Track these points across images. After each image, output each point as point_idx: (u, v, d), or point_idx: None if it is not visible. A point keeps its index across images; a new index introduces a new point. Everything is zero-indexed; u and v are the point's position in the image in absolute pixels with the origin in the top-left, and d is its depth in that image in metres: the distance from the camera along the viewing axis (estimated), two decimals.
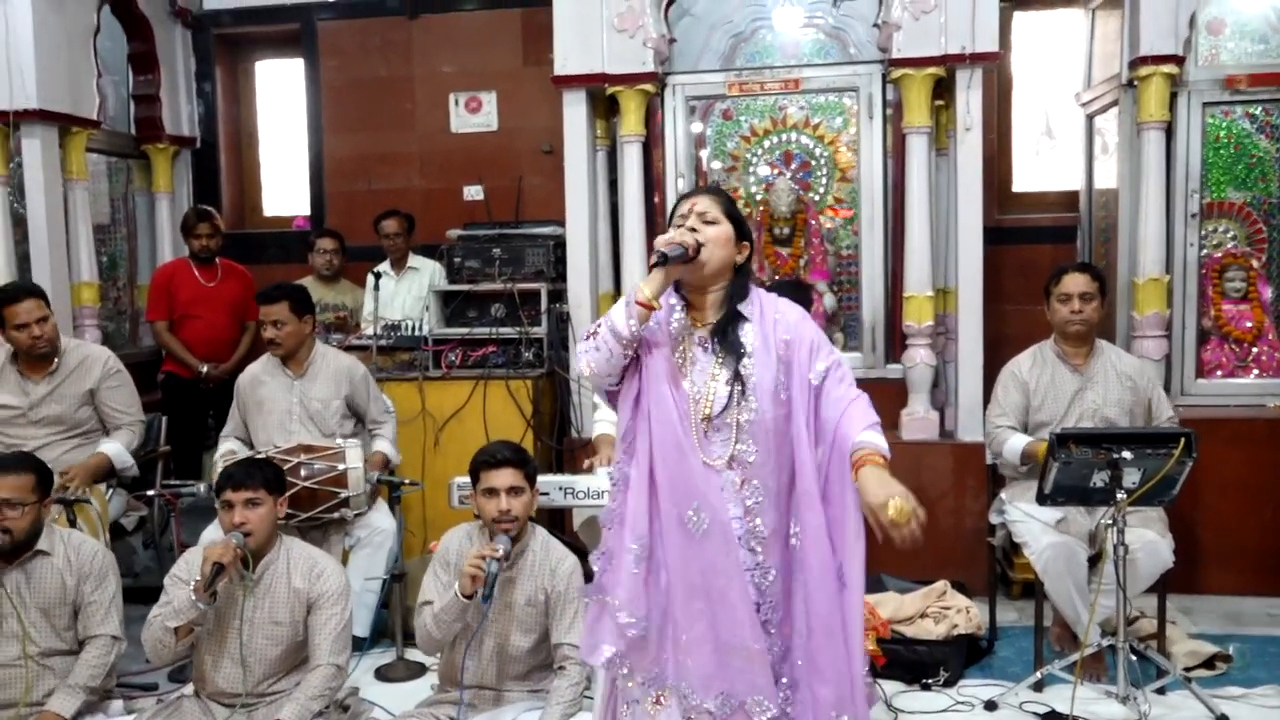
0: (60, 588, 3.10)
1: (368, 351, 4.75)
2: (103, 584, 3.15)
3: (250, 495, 2.99)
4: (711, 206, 2.38)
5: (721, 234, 2.36)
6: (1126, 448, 3.20)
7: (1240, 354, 4.79)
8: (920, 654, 3.67)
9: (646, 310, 2.29)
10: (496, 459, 3.09)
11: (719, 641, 2.28)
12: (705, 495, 2.29)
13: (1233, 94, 4.62)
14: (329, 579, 3.07)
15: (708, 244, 2.33)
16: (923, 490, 4.55)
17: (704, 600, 2.29)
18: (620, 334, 2.29)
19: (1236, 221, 4.81)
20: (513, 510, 3.05)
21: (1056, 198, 5.64)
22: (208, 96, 6.22)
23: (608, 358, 2.33)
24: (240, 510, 2.97)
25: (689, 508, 2.29)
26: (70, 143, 5.22)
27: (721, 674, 2.28)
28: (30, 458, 3.24)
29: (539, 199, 5.58)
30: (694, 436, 2.32)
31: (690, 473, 2.30)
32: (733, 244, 2.39)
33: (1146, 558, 3.50)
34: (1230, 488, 4.39)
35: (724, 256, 2.37)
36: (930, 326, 4.60)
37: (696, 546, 2.29)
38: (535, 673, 3.17)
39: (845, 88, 4.89)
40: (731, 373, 2.32)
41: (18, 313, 3.89)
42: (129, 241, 6.01)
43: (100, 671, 3.08)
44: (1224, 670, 3.72)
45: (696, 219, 2.37)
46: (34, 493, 3.08)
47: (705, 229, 2.35)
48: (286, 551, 3.09)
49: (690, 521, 2.29)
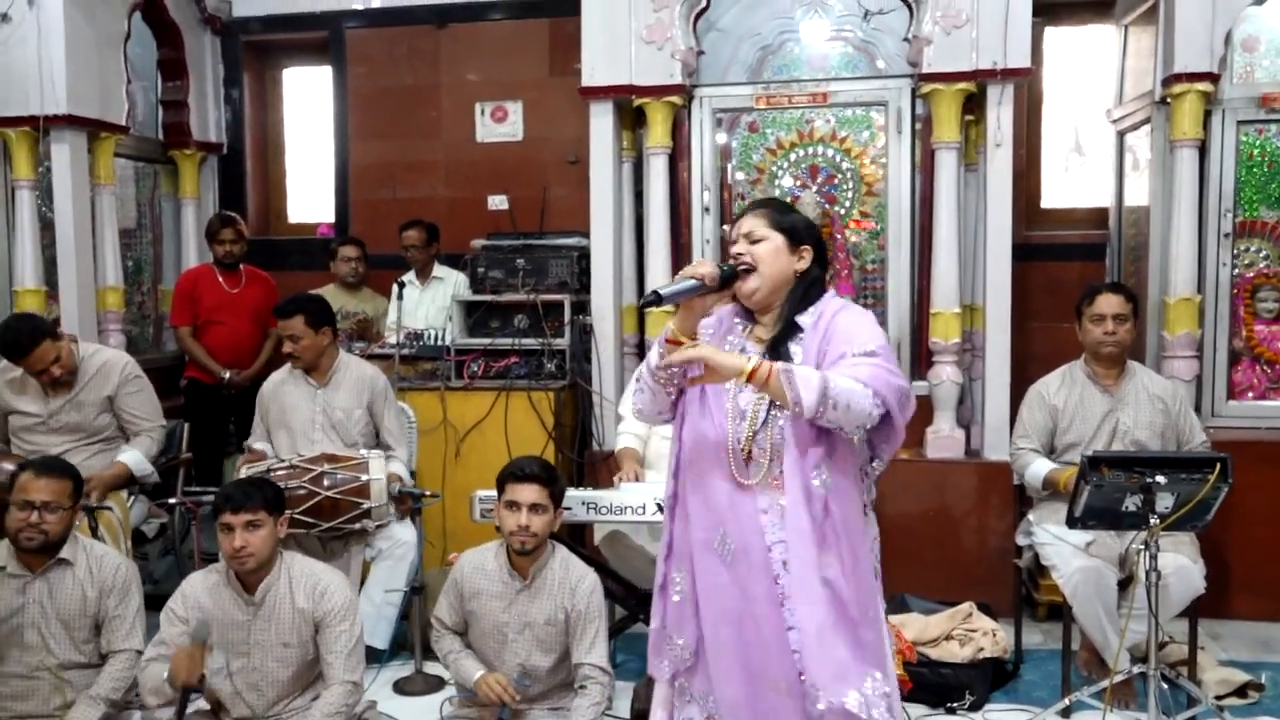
0: (81, 600, 3.09)
1: (390, 361, 4.74)
2: (126, 599, 3.13)
3: (250, 518, 2.89)
4: (757, 224, 2.31)
5: (769, 250, 2.28)
6: (1160, 472, 3.13)
7: (1272, 375, 4.72)
8: (945, 677, 3.62)
9: (675, 346, 2.21)
10: (524, 473, 3.07)
11: (749, 672, 2.21)
12: (735, 520, 2.23)
13: (1269, 112, 4.56)
14: (333, 595, 3.00)
15: (757, 267, 2.26)
16: (947, 509, 4.55)
17: (733, 628, 2.23)
18: (653, 370, 2.27)
19: (1269, 241, 4.74)
20: (531, 527, 3.03)
21: (1085, 214, 5.58)
22: (235, 103, 6.24)
23: (651, 398, 2.32)
24: (240, 534, 2.88)
25: (716, 533, 2.24)
26: (99, 148, 5.25)
27: (752, 706, 2.22)
28: (69, 465, 3.24)
29: (563, 209, 5.57)
30: (727, 459, 2.25)
31: (717, 498, 2.25)
32: (785, 254, 2.30)
33: (1178, 583, 3.44)
34: (1261, 511, 4.31)
35: (777, 272, 2.29)
36: (957, 344, 4.55)
37: (728, 572, 2.23)
38: (556, 692, 3.15)
39: (874, 102, 4.85)
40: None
41: (32, 363, 3.85)
42: (154, 246, 6.03)
43: (123, 685, 3.05)
44: (1256, 699, 3.65)
45: (744, 242, 2.31)
46: (70, 498, 3.10)
47: (752, 249, 2.29)
48: (287, 570, 3.00)
49: (718, 546, 2.24)
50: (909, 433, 4.81)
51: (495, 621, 3.13)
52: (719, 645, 2.24)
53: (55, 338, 3.92)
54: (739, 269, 2.27)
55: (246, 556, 2.90)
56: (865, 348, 2.19)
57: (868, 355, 2.18)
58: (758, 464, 2.23)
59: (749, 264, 2.27)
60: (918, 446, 4.67)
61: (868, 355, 2.18)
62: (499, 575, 3.15)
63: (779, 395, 2.11)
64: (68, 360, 3.93)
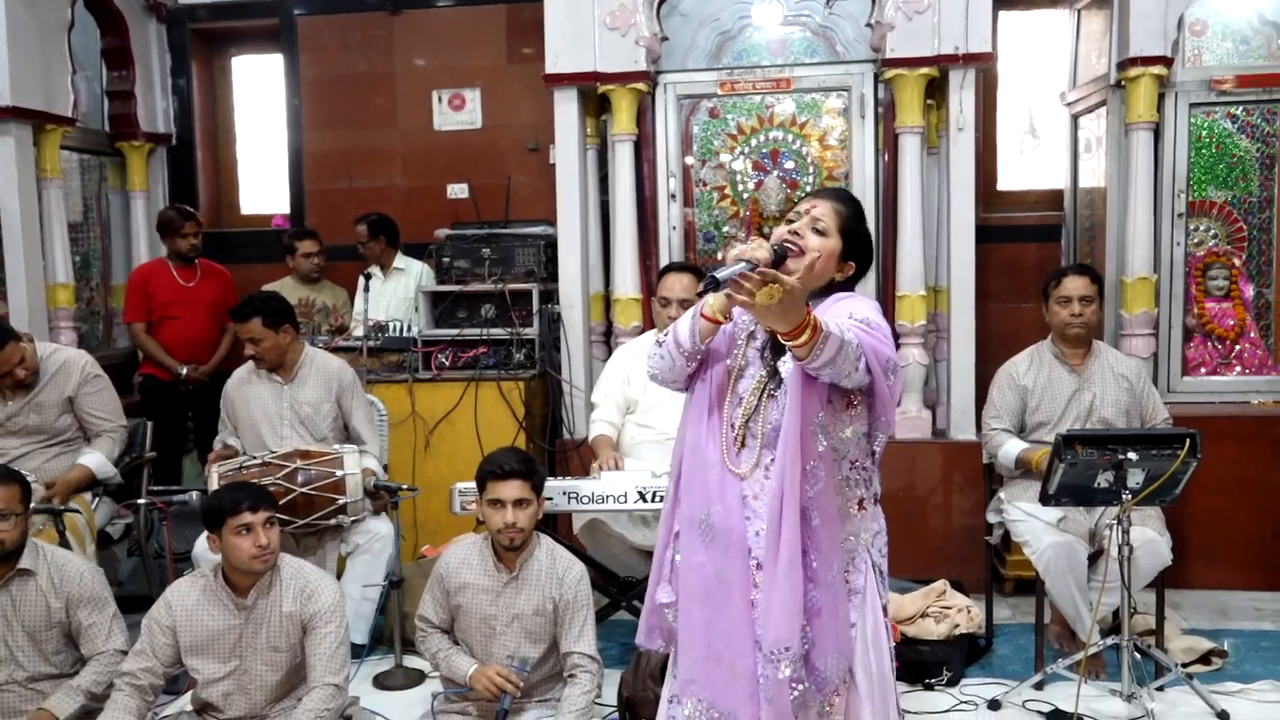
0: (45, 611, 3.00)
1: (357, 353, 4.68)
2: (99, 606, 3.05)
3: (268, 515, 2.88)
4: (828, 215, 2.24)
5: (826, 247, 2.23)
6: (1132, 449, 3.23)
7: (1223, 351, 4.86)
8: (923, 654, 3.68)
9: (712, 325, 2.21)
10: (504, 470, 3.04)
11: (710, 650, 2.24)
12: (722, 501, 2.23)
13: (1219, 95, 4.67)
14: (321, 596, 2.96)
15: (805, 254, 2.20)
16: (916, 489, 4.61)
17: (700, 605, 2.25)
18: (683, 345, 2.25)
19: (1218, 220, 4.87)
20: (518, 523, 3.02)
21: (1040, 196, 5.68)
22: (183, 93, 6.10)
23: (670, 366, 2.30)
24: (263, 532, 2.85)
25: (702, 512, 2.26)
26: (44, 141, 5.10)
27: (705, 682, 2.24)
28: (11, 470, 3.13)
29: (524, 197, 5.52)
30: (720, 441, 2.25)
31: (708, 479, 2.25)
32: (835, 261, 2.25)
33: (1146, 556, 3.54)
34: (1217, 484, 4.43)
35: (821, 271, 2.22)
36: (923, 325, 4.61)
37: (705, 551, 2.25)
38: (545, 684, 3.14)
39: (837, 87, 4.88)
40: (771, 370, 2.22)
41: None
42: (102, 241, 5.87)
43: (104, 680, 2.98)
44: (1220, 666, 3.77)
45: (807, 223, 2.24)
46: (20, 503, 3.00)
47: (811, 237, 2.23)
48: (279, 573, 2.97)
49: (701, 525, 2.26)
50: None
51: (483, 615, 3.12)
52: (689, 620, 2.27)
53: (18, 339, 3.82)
54: (789, 250, 2.20)
55: (270, 554, 2.88)
56: (859, 316, 2.17)
57: (860, 322, 2.15)
58: (750, 450, 2.24)
59: (800, 248, 2.21)
60: None
61: (860, 322, 2.15)
62: (485, 568, 3.14)
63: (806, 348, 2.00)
64: (31, 361, 3.83)
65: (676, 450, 2.36)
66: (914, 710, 3.46)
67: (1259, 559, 4.53)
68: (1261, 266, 4.84)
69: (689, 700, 2.27)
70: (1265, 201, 4.81)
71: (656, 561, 2.37)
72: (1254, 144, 4.81)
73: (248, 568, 2.88)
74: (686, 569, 2.28)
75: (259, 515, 2.85)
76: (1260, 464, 4.53)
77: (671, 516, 2.34)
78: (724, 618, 2.22)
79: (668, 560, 2.34)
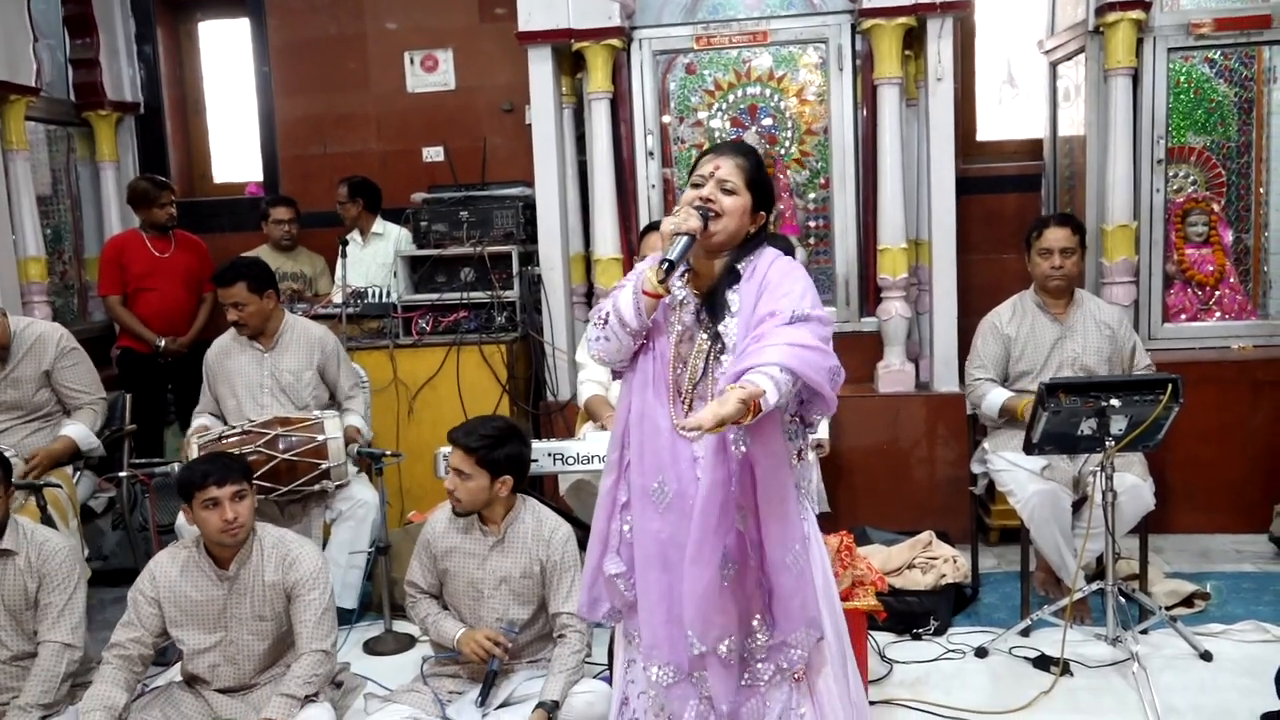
0: (23, 591, 2.94)
1: (336, 320, 4.64)
2: (59, 587, 2.94)
3: (235, 489, 2.83)
4: (733, 174, 2.24)
5: (738, 206, 2.24)
6: (1114, 395, 3.24)
7: (1203, 297, 4.88)
8: (910, 604, 3.71)
9: (654, 299, 2.20)
10: (451, 437, 3.05)
11: (670, 614, 2.24)
12: (674, 466, 2.23)
13: (1197, 39, 4.65)
14: (303, 564, 2.94)
15: (723, 216, 2.22)
16: (900, 442, 4.63)
17: (659, 570, 2.26)
18: (629, 324, 2.23)
19: (1196, 166, 4.87)
20: (455, 491, 3.01)
21: (1019, 146, 5.66)
22: (150, 60, 5.98)
23: (617, 348, 2.27)
24: (230, 506, 2.82)
25: (654, 480, 2.24)
26: (8, 111, 5.00)
27: (669, 645, 2.25)
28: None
29: (500, 158, 5.46)
30: (668, 407, 2.25)
31: (659, 445, 2.24)
32: (748, 215, 2.26)
33: (1130, 501, 3.56)
34: (1197, 429, 4.46)
35: (735, 230, 2.25)
36: (905, 279, 4.60)
37: (659, 520, 2.25)
38: (534, 644, 3.14)
39: (814, 39, 4.83)
40: (714, 333, 2.24)
41: None
42: (73, 213, 5.78)
43: (52, 684, 2.86)
44: (1202, 608, 3.82)
45: (715, 186, 2.24)
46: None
47: (722, 199, 2.23)
48: (259, 542, 2.95)
49: (654, 494, 2.25)
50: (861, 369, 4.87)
51: (470, 578, 3.11)
52: (646, 586, 2.27)
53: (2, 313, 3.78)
54: (709, 214, 2.23)
55: (238, 528, 2.84)
56: (799, 311, 2.14)
57: (801, 320, 2.13)
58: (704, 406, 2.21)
59: (717, 210, 2.23)
60: (869, 382, 4.74)
61: (801, 320, 2.13)
62: (469, 533, 3.13)
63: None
64: (2, 334, 3.77)
65: (618, 423, 2.34)
66: (902, 660, 3.50)
67: (1239, 502, 4.57)
68: (1240, 212, 4.86)
69: (654, 667, 2.27)
70: (1243, 146, 4.82)
71: (599, 533, 2.36)
72: (1232, 88, 4.81)
73: (218, 540, 2.86)
74: (642, 536, 2.28)
75: (225, 489, 2.82)
76: (1240, 408, 4.56)
77: (616, 488, 2.33)
78: (680, 582, 2.22)
79: (615, 531, 2.33)
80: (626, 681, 2.41)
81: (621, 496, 2.32)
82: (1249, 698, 3.10)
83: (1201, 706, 3.11)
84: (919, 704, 3.20)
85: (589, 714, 2.92)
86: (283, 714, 2.78)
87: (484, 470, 3.00)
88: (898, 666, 3.46)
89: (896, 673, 3.42)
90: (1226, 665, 3.35)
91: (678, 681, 2.26)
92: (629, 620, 2.38)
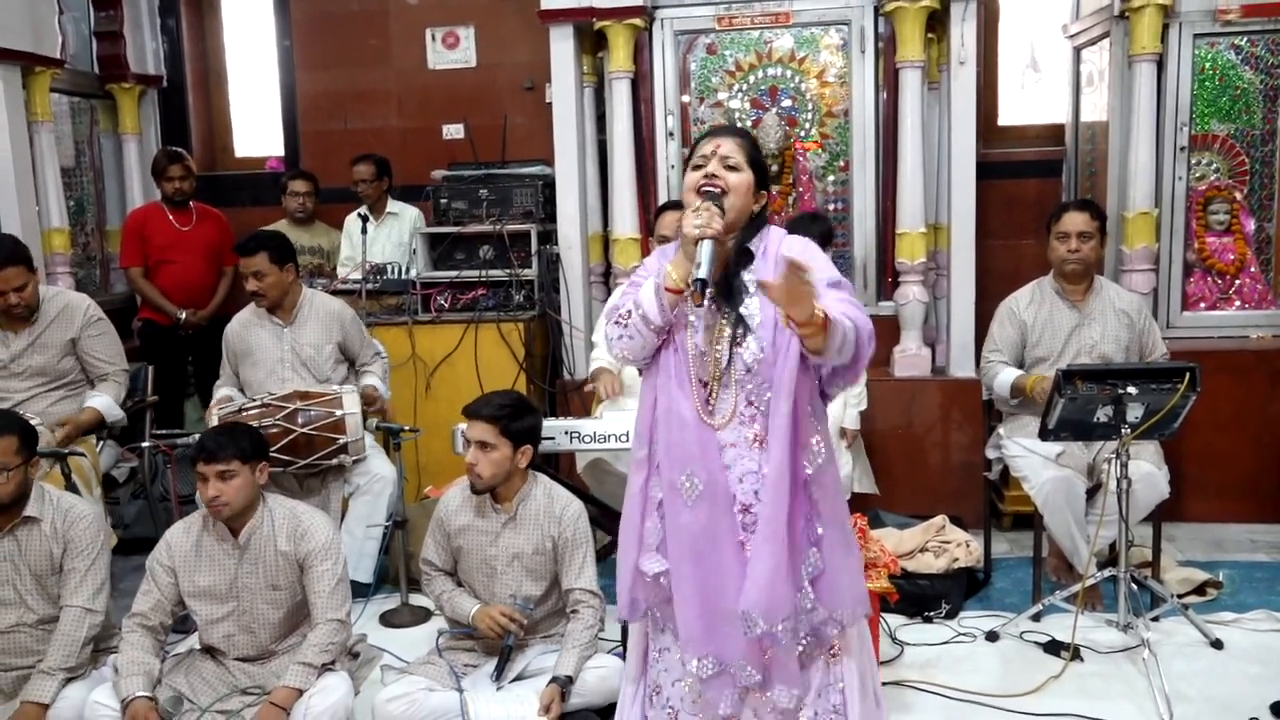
0: (49, 557, 2.99)
1: (355, 296, 4.67)
2: (83, 552, 2.99)
3: (222, 468, 2.86)
4: (735, 151, 2.25)
5: (743, 183, 2.25)
6: (1131, 383, 3.23)
7: (1223, 286, 4.85)
8: (922, 587, 3.73)
9: (677, 295, 2.19)
10: (472, 411, 3.06)
11: (704, 606, 2.25)
12: (702, 458, 2.23)
13: (1224, 25, 4.61)
14: (314, 535, 2.98)
15: (729, 193, 2.22)
16: (915, 426, 4.64)
17: (693, 564, 2.25)
18: (653, 322, 2.22)
19: (1220, 154, 4.83)
20: (476, 465, 3.03)
21: (1041, 131, 5.63)
22: (173, 33, 6.01)
23: (641, 345, 2.26)
24: (214, 484, 2.86)
25: (682, 474, 2.24)
26: (34, 83, 5.04)
27: (708, 637, 2.25)
28: (13, 418, 3.07)
29: (521, 137, 5.47)
30: (693, 398, 2.25)
31: (686, 438, 2.24)
32: (752, 193, 2.27)
33: (1144, 489, 3.56)
34: (1213, 418, 4.45)
35: (742, 207, 2.25)
36: (923, 263, 4.60)
37: (689, 513, 2.24)
38: (548, 620, 3.17)
39: (837, 21, 4.81)
40: (735, 318, 2.23)
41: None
42: (95, 184, 5.82)
43: (73, 649, 2.91)
44: (1215, 596, 3.82)
45: (718, 163, 2.25)
46: (18, 455, 2.94)
47: (727, 175, 2.24)
48: (270, 514, 2.99)
49: (683, 488, 2.24)
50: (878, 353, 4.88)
51: (483, 555, 3.14)
52: (680, 578, 2.27)
53: (31, 268, 3.84)
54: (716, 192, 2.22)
55: (221, 506, 2.88)
56: (831, 277, 2.20)
57: (835, 285, 2.19)
58: (725, 401, 2.24)
59: (724, 187, 2.23)
60: (885, 365, 4.74)
61: (835, 285, 2.19)
62: (481, 510, 3.16)
63: (819, 342, 2.07)
64: (29, 295, 3.83)
65: (642, 420, 2.34)
66: (913, 642, 3.52)
67: (1254, 491, 4.56)
68: (1263, 201, 4.82)
69: (694, 659, 2.28)
70: (1268, 134, 4.77)
71: (634, 533, 2.35)
72: (1258, 75, 4.75)
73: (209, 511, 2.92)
74: (674, 530, 2.28)
75: (211, 466, 2.86)
76: (1258, 398, 4.55)
77: (648, 485, 2.33)
78: (716, 572, 2.23)
79: (650, 530, 2.32)
80: (659, 670, 2.39)
81: (656, 494, 2.31)
82: (1260, 686, 3.11)
83: (1212, 694, 3.11)
84: (929, 686, 3.22)
85: (602, 688, 2.96)
86: (300, 682, 2.82)
87: (507, 440, 3.03)
88: (909, 649, 3.48)
89: (907, 655, 3.44)
90: (1237, 654, 3.36)
91: (718, 674, 2.27)
92: (661, 611, 2.37)
